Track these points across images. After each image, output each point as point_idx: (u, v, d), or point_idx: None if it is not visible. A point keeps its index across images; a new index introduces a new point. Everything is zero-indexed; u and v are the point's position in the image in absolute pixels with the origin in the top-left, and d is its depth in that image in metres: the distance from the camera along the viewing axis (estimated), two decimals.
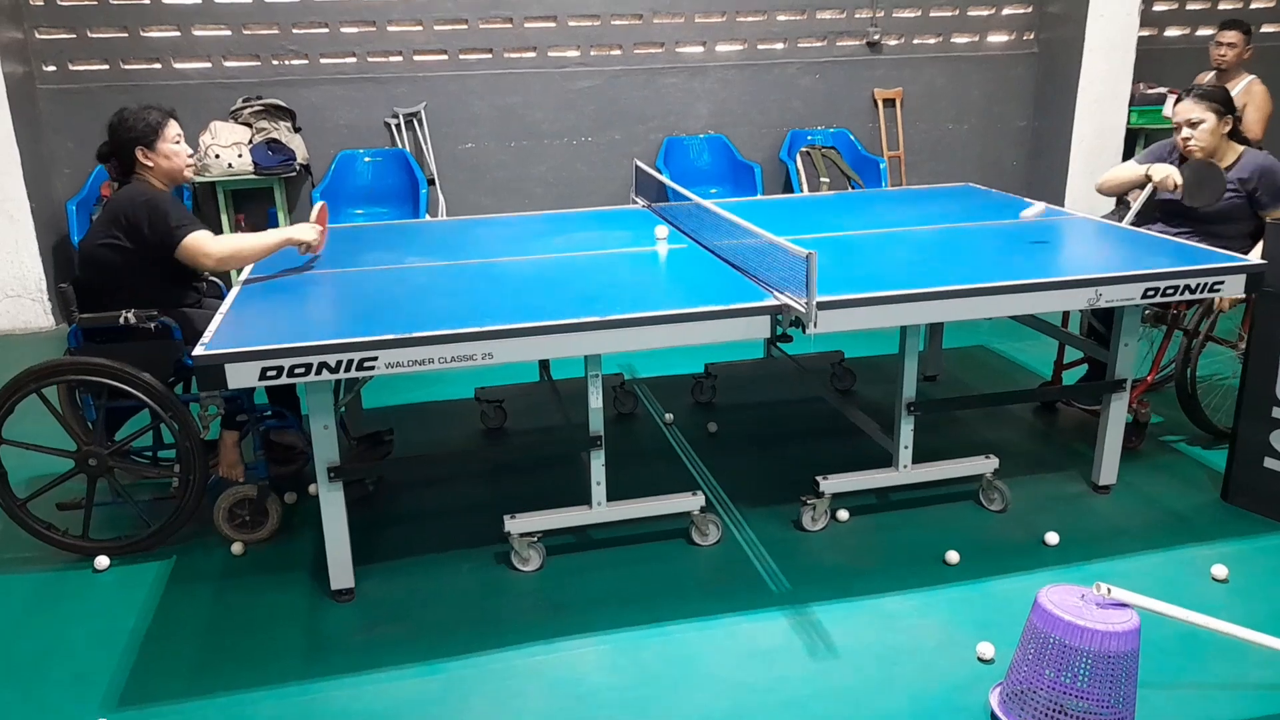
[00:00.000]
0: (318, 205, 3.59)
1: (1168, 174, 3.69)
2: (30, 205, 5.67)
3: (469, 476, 3.81)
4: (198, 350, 2.55)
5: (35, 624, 2.94)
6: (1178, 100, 3.82)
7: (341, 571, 2.98)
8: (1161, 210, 3.89)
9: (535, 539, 3.15)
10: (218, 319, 2.83)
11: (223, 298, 3.21)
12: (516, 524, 3.12)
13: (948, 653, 2.71)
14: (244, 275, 3.34)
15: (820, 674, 2.63)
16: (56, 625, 2.94)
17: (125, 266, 3.22)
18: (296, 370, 2.58)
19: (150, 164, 3.28)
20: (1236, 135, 3.78)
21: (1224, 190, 3.64)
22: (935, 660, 2.68)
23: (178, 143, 3.33)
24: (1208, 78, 5.40)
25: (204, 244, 3.19)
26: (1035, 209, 3.93)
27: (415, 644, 2.79)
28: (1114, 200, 4.07)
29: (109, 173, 3.37)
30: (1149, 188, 3.84)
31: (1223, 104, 3.72)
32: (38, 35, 5.88)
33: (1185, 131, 3.75)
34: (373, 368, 2.63)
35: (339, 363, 2.60)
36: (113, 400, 3.17)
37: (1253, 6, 7.45)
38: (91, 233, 3.29)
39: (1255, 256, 3.45)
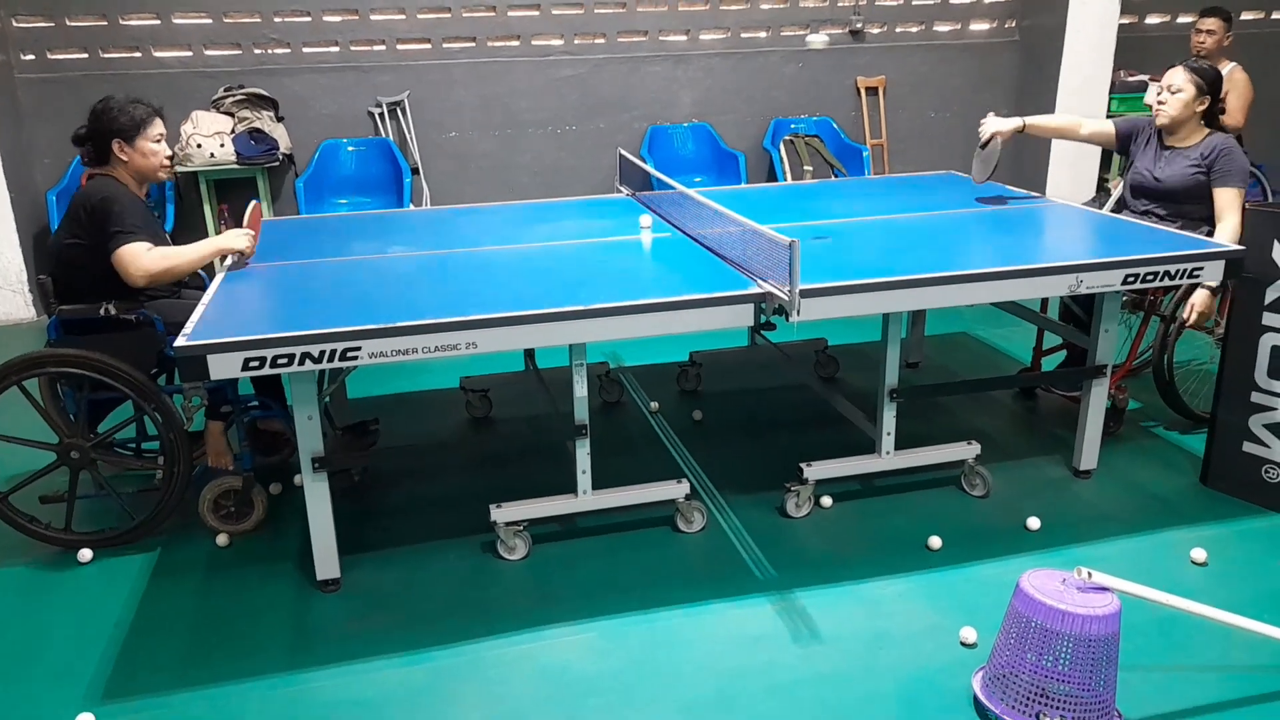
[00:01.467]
0: (251, 205, 3.54)
1: (995, 128, 4.08)
2: (9, 195, 5.61)
3: (454, 466, 3.81)
4: (180, 341, 2.54)
5: (18, 618, 2.93)
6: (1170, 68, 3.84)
7: (327, 562, 2.98)
8: (1131, 189, 3.94)
9: (521, 528, 3.16)
10: (200, 309, 2.81)
11: (204, 288, 3.19)
12: (502, 513, 3.12)
13: (931, 637, 2.73)
14: (227, 263, 3.32)
15: (806, 659, 2.65)
16: (39, 619, 2.93)
17: (89, 264, 3.18)
18: (280, 360, 2.57)
19: (125, 159, 3.25)
20: (1212, 121, 3.81)
21: (989, 175, 4.10)
22: (919, 645, 2.70)
23: (158, 142, 3.30)
24: None
25: (137, 256, 3.11)
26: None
27: (402, 634, 2.80)
28: (1094, 187, 4.10)
29: (82, 158, 3.33)
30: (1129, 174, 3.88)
31: (1209, 84, 3.73)
32: (15, 23, 5.81)
33: (1162, 95, 3.78)
34: (356, 358, 2.62)
35: (322, 353, 2.59)
36: (95, 392, 3.15)
37: None
38: (59, 229, 3.26)
39: (1223, 236, 3.49)
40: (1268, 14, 7.68)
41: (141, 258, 3.12)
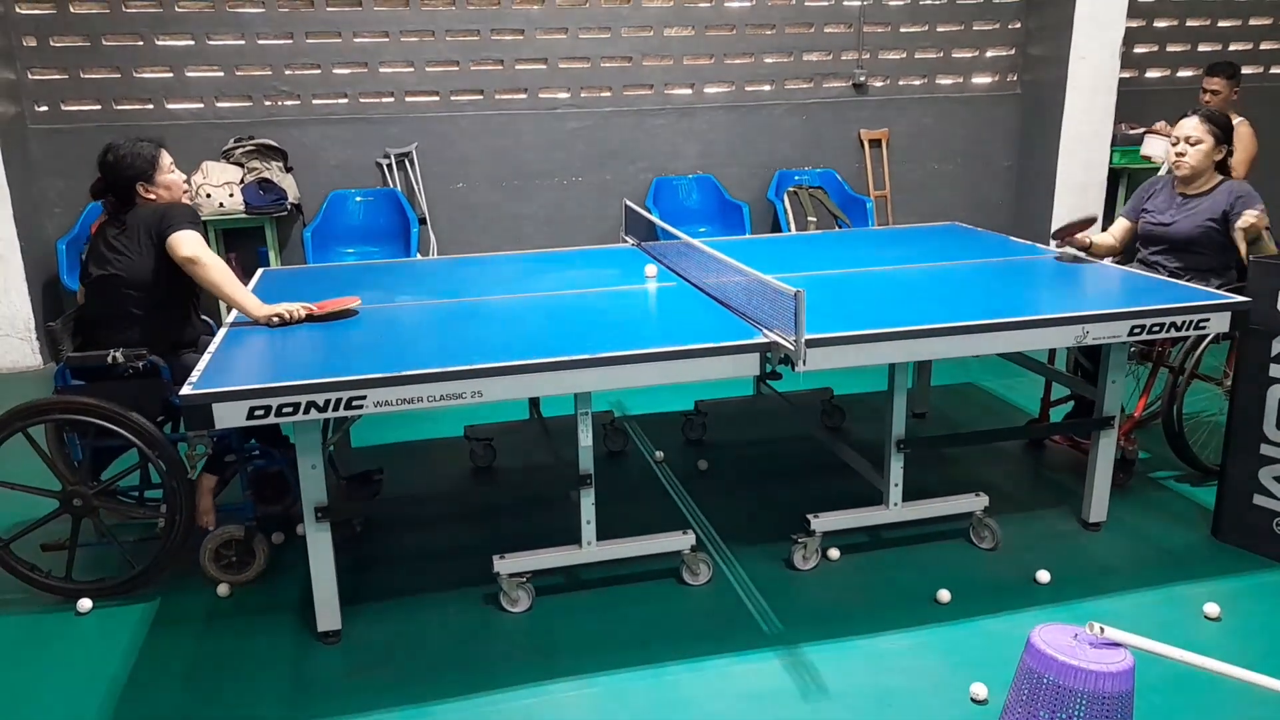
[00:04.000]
0: (342, 300, 3.36)
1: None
2: (20, 244, 5.66)
3: (458, 516, 3.79)
4: (185, 389, 2.53)
5: (15, 669, 2.89)
6: (1182, 116, 3.87)
7: (328, 613, 2.95)
8: (1142, 238, 4.00)
9: (524, 579, 3.12)
10: (205, 358, 2.82)
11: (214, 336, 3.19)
12: (505, 564, 3.09)
13: (941, 694, 2.68)
14: (233, 315, 3.33)
15: (813, 716, 2.60)
16: (37, 670, 2.89)
17: (135, 298, 3.22)
18: (284, 409, 2.56)
19: (152, 197, 3.30)
20: (1223, 168, 3.84)
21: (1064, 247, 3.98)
22: (929, 701, 2.65)
23: (173, 171, 3.37)
24: None
25: (194, 240, 3.16)
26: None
27: (403, 688, 2.75)
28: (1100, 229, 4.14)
29: (105, 208, 3.36)
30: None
31: (1223, 130, 3.77)
32: (30, 76, 5.91)
33: (1181, 147, 3.80)
34: (361, 407, 2.62)
35: (327, 402, 2.59)
36: (99, 439, 3.14)
37: (1231, 48, 7.57)
38: (96, 262, 3.27)
39: None
40: (1266, 69, 7.77)
41: (198, 242, 3.18)
